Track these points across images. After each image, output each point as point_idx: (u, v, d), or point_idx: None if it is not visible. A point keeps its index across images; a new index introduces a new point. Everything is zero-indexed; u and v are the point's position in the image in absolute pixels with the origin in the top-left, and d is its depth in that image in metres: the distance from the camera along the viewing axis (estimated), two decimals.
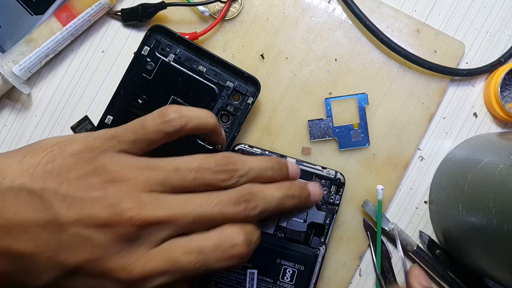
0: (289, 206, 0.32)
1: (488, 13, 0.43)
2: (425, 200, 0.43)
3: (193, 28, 0.41)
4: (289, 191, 0.32)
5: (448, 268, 0.41)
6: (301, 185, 0.34)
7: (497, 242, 0.32)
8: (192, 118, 0.29)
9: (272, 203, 0.31)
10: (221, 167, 0.29)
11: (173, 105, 0.30)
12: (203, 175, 0.29)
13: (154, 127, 0.28)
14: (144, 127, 0.28)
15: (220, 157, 0.30)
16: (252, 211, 0.29)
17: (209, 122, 0.30)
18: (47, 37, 0.38)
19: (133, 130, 0.29)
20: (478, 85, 0.43)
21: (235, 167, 0.30)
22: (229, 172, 0.29)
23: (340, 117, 0.41)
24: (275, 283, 0.39)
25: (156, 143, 0.29)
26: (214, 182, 0.29)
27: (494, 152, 0.35)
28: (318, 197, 0.35)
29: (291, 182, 0.33)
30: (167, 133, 0.29)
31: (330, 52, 0.42)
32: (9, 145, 0.40)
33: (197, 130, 0.30)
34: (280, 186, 0.32)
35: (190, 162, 0.29)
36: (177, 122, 0.29)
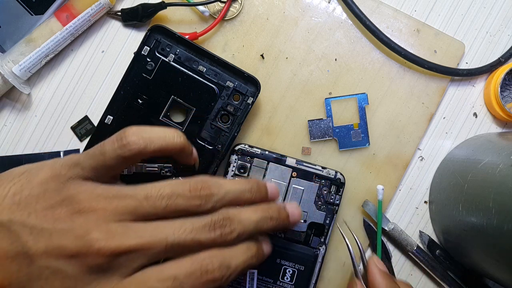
0: (268, 228, 0.31)
1: (488, 13, 0.43)
2: (425, 200, 0.43)
3: (193, 28, 0.41)
4: (267, 213, 0.31)
5: (448, 268, 0.41)
6: (279, 206, 0.33)
7: (497, 242, 0.32)
8: (153, 140, 0.28)
9: (250, 226, 0.30)
10: (195, 193, 0.28)
11: (133, 126, 0.28)
12: (176, 202, 0.28)
13: (111, 152, 0.27)
14: (103, 153, 0.27)
15: (194, 182, 0.29)
16: (229, 236, 0.29)
17: (176, 142, 0.29)
18: (47, 37, 0.38)
19: (93, 157, 0.28)
20: (478, 85, 0.43)
21: (210, 192, 0.29)
22: (204, 198, 0.29)
23: (340, 117, 0.41)
24: (275, 283, 0.39)
25: (118, 169, 0.28)
26: (188, 208, 0.28)
27: (494, 152, 0.35)
28: (297, 218, 0.34)
29: (269, 204, 0.33)
30: (125, 158, 0.27)
31: (330, 52, 0.42)
32: (9, 145, 0.40)
33: (161, 151, 0.28)
34: (257, 209, 0.31)
35: (162, 188, 0.28)
36: (135, 145, 0.27)
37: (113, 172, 0.28)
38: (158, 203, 0.28)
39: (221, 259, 0.28)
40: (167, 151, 0.29)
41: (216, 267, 0.28)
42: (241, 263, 0.29)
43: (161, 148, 0.28)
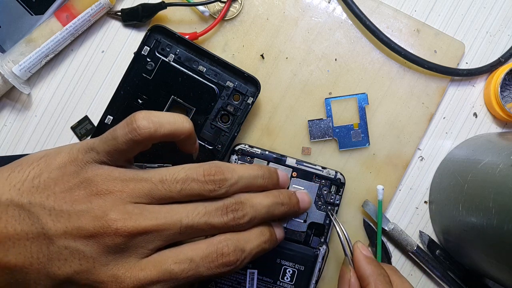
0: (279, 213, 0.32)
1: (488, 13, 0.43)
2: (425, 200, 0.43)
3: (193, 28, 0.41)
4: (278, 199, 0.32)
5: (448, 268, 0.41)
6: (290, 192, 0.34)
7: (497, 242, 0.32)
8: (163, 124, 0.28)
9: (261, 211, 0.31)
10: (209, 177, 0.29)
11: (143, 111, 0.28)
12: (190, 186, 0.29)
13: (123, 136, 0.28)
14: (115, 138, 0.28)
15: (208, 167, 0.29)
16: (241, 220, 0.30)
17: (185, 127, 0.29)
18: (47, 37, 0.38)
19: (106, 141, 0.28)
20: (478, 85, 0.43)
21: (223, 176, 0.30)
22: (218, 182, 0.29)
23: (340, 117, 0.41)
24: (275, 283, 0.39)
25: (131, 153, 0.29)
26: (202, 193, 0.29)
27: (494, 152, 0.35)
28: (307, 205, 0.36)
29: (279, 190, 0.34)
30: (136, 142, 0.28)
31: (330, 52, 0.42)
32: (9, 145, 0.40)
33: (170, 136, 0.29)
34: (268, 195, 0.32)
35: (177, 173, 0.29)
36: (145, 129, 0.27)
37: (126, 156, 0.29)
38: (173, 186, 0.28)
39: (236, 242, 0.29)
40: (176, 136, 0.29)
41: (232, 250, 0.29)
42: (255, 247, 0.30)
43: (170, 132, 0.28)
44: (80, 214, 0.27)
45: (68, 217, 0.26)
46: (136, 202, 0.28)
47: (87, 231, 0.26)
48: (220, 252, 0.28)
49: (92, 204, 0.27)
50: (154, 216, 0.28)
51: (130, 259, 0.27)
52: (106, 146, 0.28)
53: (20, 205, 0.26)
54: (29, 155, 0.29)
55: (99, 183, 0.27)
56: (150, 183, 0.28)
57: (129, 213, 0.27)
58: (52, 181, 0.27)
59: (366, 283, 0.32)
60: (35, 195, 0.27)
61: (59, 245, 0.26)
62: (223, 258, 0.28)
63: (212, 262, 0.28)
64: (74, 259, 0.26)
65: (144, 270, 0.27)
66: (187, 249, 0.28)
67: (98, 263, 0.26)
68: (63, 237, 0.26)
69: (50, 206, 0.27)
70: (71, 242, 0.26)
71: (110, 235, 0.26)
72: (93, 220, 0.26)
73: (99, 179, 0.28)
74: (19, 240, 0.26)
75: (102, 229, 0.26)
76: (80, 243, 0.26)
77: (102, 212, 0.27)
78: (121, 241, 0.26)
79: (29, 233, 0.26)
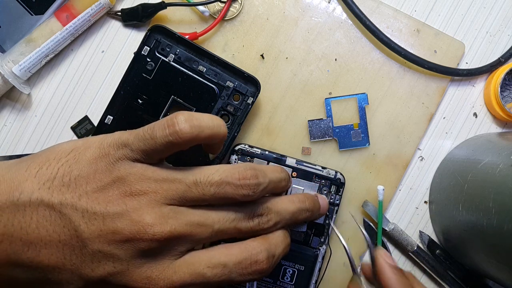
0: (302, 219, 0.33)
1: (488, 13, 0.43)
2: (425, 200, 0.43)
3: (193, 28, 0.41)
4: (304, 205, 0.32)
5: (448, 268, 0.41)
6: (314, 198, 0.34)
7: (497, 242, 0.32)
8: (204, 129, 0.27)
9: (286, 217, 0.31)
10: (245, 181, 0.28)
11: (183, 112, 0.27)
12: (225, 190, 0.28)
13: (162, 138, 0.27)
14: (153, 138, 0.27)
15: (244, 170, 0.29)
16: (266, 225, 0.30)
17: (222, 131, 0.28)
18: (47, 37, 0.38)
19: (143, 140, 0.27)
20: (478, 85, 0.43)
21: (257, 181, 0.29)
22: (253, 187, 0.29)
23: (340, 117, 0.41)
24: (275, 283, 0.39)
25: (168, 153, 0.28)
26: (235, 197, 0.28)
27: (494, 152, 0.35)
28: (325, 211, 0.36)
29: (305, 195, 0.34)
30: (176, 144, 0.27)
31: (330, 52, 0.42)
32: (9, 145, 0.40)
33: (209, 140, 0.28)
34: (293, 200, 0.32)
35: (212, 175, 0.28)
36: (187, 133, 0.27)
37: (161, 155, 0.28)
38: (207, 189, 0.28)
39: (268, 248, 0.29)
40: (214, 139, 0.28)
41: (265, 257, 0.29)
42: (282, 251, 0.30)
43: (209, 136, 0.28)
44: (115, 216, 0.26)
45: (103, 220, 0.26)
46: (170, 204, 0.27)
47: (123, 236, 0.26)
48: (255, 259, 0.28)
49: (126, 206, 0.26)
50: (189, 220, 0.27)
51: (164, 261, 0.27)
52: (142, 144, 0.27)
53: (51, 206, 0.26)
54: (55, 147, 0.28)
55: (132, 182, 0.27)
56: (184, 185, 0.28)
57: (165, 217, 0.27)
58: (83, 180, 0.26)
59: None
60: (66, 195, 0.26)
61: (92, 248, 0.26)
62: (257, 266, 0.28)
63: (245, 268, 0.28)
64: (108, 262, 0.26)
65: (178, 272, 0.27)
66: (221, 254, 0.28)
67: (132, 265, 0.26)
68: (97, 240, 0.26)
69: (83, 208, 0.26)
70: (105, 245, 0.26)
71: (146, 240, 0.26)
72: (129, 224, 0.26)
73: (133, 178, 0.27)
74: (51, 241, 0.25)
75: (138, 234, 0.26)
76: (115, 246, 0.26)
77: (138, 215, 0.26)
78: (156, 245, 0.26)
79: (61, 235, 0.25)
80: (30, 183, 0.26)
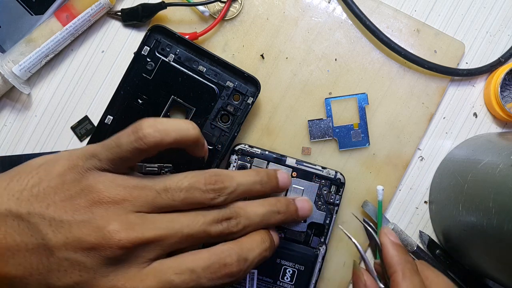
0: (275, 221, 0.32)
1: (488, 13, 0.43)
2: (425, 200, 0.43)
3: (193, 28, 0.41)
4: (274, 207, 0.32)
5: (448, 268, 0.41)
6: (288, 201, 0.34)
7: (497, 242, 0.32)
8: (169, 132, 0.27)
9: (255, 220, 0.31)
10: (210, 186, 0.29)
11: (148, 118, 0.27)
12: (193, 195, 0.29)
13: (128, 145, 0.27)
14: (119, 145, 0.27)
15: (209, 175, 0.29)
16: (235, 228, 0.30)
17: (191, 134, 0.28)
18: (47, 37, 0.38)
19: (110, 148, 0.27)
20: (478, 85, 0.43)
21: (223, 185, 0.30)
22: (218, 191, 0.29)
23: (340, 117, 0.41)
24: (275, 283, 0.39)
25: (134, 160, 0.28)
26: (203, 201, 0.29)
27: (494, 152, 0.35)
28: (307, 212, 0.35)
29: (277, 198, 0.34)
30: (142, 150, 0.27)
31: (330, 52, 0.42)
32: (9, 145, 0.40)
33: (177, 144, 0.28)
34: (263, 203, 0.32)
35: (180, 181, 0.29)
36: (151, 138, 0.27)
37: (129, 163, 0.28)
38: (176, 195, 0.28)
39: (239, 252, 0.29)
40: (182, 143, 0.28)
41: (235, 260, 0.28)
42: (257, 255, 0.30)
43: (176, 140, 0.28)
44: (81, 224, 0.26)
45: (69, 228, 0.26)
46: (138, 211, 0.27)
47: (88, 243, 0.26)
48: (223, 262, 0.28)
49: (93, 213, 0.26)
50: (156, 226, 0.27)
51: (131, 269, 0.27)
52: (109, 153, 0.27)
53: (19, 216, 0.26)
54: (28, 162, 0.29)
55: (101, 190, 0.27)
56: (154, 192, 0.28)
57: (131, 224, 0.27)
58: (52, 190, 0.27)
59: (392, 270, 0.32)
60: (34, 204, 0.26)
61: (59, 256, 0.26)
62: (226, 269, 0.28)
63: (214, 273, 0.28)
64: (74, 270, 0.26)
65: (144, 281, 0.27)
66: (189, 259, 0.28)
67: (98, 274, 0.26)
68: (63, 248, 0.26)
69: (50, 216, 0.26)
70: (72, 253, 0.26)
71: (112, 247, 0.26)
72: (94, 231, 0.26)
73: (101, 186, 0.27)
74: (19, 251, 0.25)
75: (104, 240, 0.26)
76: (81, 254, 0.26)
77: (104, 222, 0.26)
78: (122, 252, 0.26)
79: (28, 244, 0.25)
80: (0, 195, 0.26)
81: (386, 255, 0.33)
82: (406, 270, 0.31)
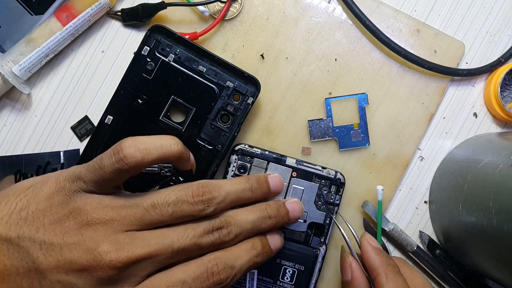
0: (266, 227, 0.32)
1: (488, 13, 0.43)
2: (425, 200, 0.43)
3: (193, 28, 0.41)
4: (265, 213, 0.32)
5: (448, 268, 0.41)
6: (278, 204, 0.34)
7: (497, 242, 0.32)
8: (150, 151, 0.28)
9: (247, 227, 0.31)
10: (198, 198, 0.29)
11: (128, 138, 0.28)
12: (182, 208, 0.29)
13: (110, 166, 0.27)
14: (102, 167, 0.27)
15: (196, 188, 0.30)
16: (226, 237, 0.30)
17: (173, 150, 0.29)
18: (47, 37, 0.38)
19: (94, 171, 0.28)
20: (478, 85, 0.43)
21: (211, 195, 0.30)
22: (206, 202, 0.29)
23: (340, 117, 0.41)
24: (275, 283, 0.39)
25: (118, 181, 0.28)
26: (192, 213, 0.29)
27: (494, 152, 0.35)
28: (298, 214, 0.35)
29: (266, 203, 0.34)
30: (123, 171, 0.27)
31: (330, 52, 0.42)
32: (9, 145, 0.40)
33: (159, 161, 0.28)
34: (253, 209, 0.32)
35: (167, 196, 0.29)
36: (132, 158, 0.27)
37: (114, 183, 0.28)
38: (165, 210, 0.28)
39: (225, 260, 0.29)
40: (165, 159, 0.29)
41: (221, 268, 0.29)
42: (246, 262, 0.30)
43: (158, 158, 0.28)
44: (71, 247, 0.26)
45: (60, 250, 0.26)
46: (128, 230, 0.28)
47: (80, 265, 0.26)
48: (211, 271, 0.28)
49: (83, 236, 0.26)
50: (146, 243, 0.27)
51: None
52: (93, 175, 0.27)
53: (8, 240, 0.26)
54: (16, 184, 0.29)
55: (89, 212, 0.27)
56: (142, 209, 0.28)
57: (121, 243, 0.27)
58: (40, 213, 0.27)
59: (376, 273, 0.32)
60: (23, 228, 0.26)
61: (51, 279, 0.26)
62: (214, 277, 0.28)
63: (204, 282, 0.28)
64: None
65: None
66: (179, 272, 0.28)
67: None
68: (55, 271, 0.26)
69: (40, 240, 0.26)
70: (64, 276, 0.26)
71: (103, 268, 0.26)
72: (85, 253, 0.26)
73: (89, 208, 0.27)
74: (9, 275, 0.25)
75: (95, 261, 0.26)
76: (73, 276, 0.26)
77: (94, 243, 0.26)
78: (114, 272, 0.26)
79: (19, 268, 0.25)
80: None
81: (368, 259, 0.33)
82: (389, 271, 0.32)
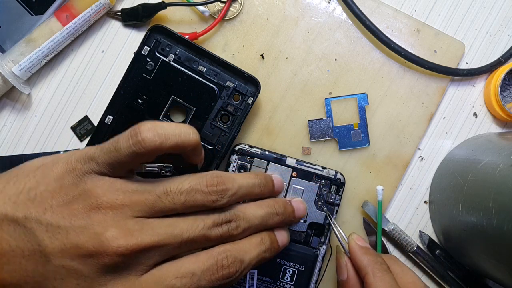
0: (273, 223, 0.32)
1: (488, 13, 0.43)
2: (425, 200, 0.43)
3: (193, 28, 0.41)
4: (273, 209, 0.32)
5: (448, 268, 0.41)
6: (285, 202, 0.34)
7: (497, 242, 0.32)
8: (169, 136, 0.27)
9: (255, 221, 0.31)
10: (212, 188, 0.29)
11: (147, 122, 0.27)
12: (194, 197, 0.28)
13: (126, 149, 0.26)
14: (118, 149, 0.26)
15: (210, 177, 0.29)
16: (234, 231, 0.30)
17: (191, 139, 0.28)
18: (47, 37, 0.38)
19: (108, 152, 0.27)
20: (478, 85, 0.43)
21: (225, 186, 0.29)
22: (220, 193, 0.29)
23: (340, 117, 0.41)
24: (275, 283, 0.39)
25: (133, 164, 0.27)
26: (205, 203, 0.29)
27: (494, 152, 0.35)
28: (302, 213, 0.35)
29: (274, 200, 0.33)
30: (140, 154, 0.26)
31: (330, 52, 0.42)
32: (9, 145, 0.40)
33: (176, 148, 0.27)
34: (262, 205, 0.32)
35: (181, 184, 0.28)
36: (150, 142, 0.26)
37: (128, 167, 0.28)
38: (177, 198, 0.28)
39: (235, 253, 0.29)
40: (182, 148, 0.28)
41: (231, 262, 0.28)
42: (255, 257, 0.30)
43: (176, 145, 0.27)
44: (78, 230, 0.25)
45: (66, 234, 0.25)
46: (137, 216, 0.27)
47: (86, 250, 0.25)
48: (220, 264, 0.28)
49: (91, 219, 0.26)
50: (156, 231, 0.27)
51: (130, 277, 0.26)
52: (108, 157, 0.27)
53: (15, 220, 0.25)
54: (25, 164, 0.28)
55: (99, 195, 0.26)
56: (154, 196, 0.27)
57: (130, 230, 0.26)
58: (49, 194, 0.26)
59: (364, 273, 0.32)
60: (31, 209, 0.25)
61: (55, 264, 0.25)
62: (223, 270, 0.28)
63: (213, 274, 0.27)
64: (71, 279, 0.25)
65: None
66: (188, 263, 0.28)
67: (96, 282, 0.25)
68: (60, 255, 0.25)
69: (47, 222, 0.25)
70: (68, 261, 0.25)
71: (110, 255, 0.25)
72: (92, 237, 0.25)
73: (100, 190, 0.26)
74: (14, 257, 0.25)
75: (102, 247, 0.25)
76: (78, 262, 0.25)
77: (102, 228, 0.25)
78: (121, 260, 0.25)
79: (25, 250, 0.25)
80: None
81: (356, 259, 0.33)
82: (376, 270, 0.32)
